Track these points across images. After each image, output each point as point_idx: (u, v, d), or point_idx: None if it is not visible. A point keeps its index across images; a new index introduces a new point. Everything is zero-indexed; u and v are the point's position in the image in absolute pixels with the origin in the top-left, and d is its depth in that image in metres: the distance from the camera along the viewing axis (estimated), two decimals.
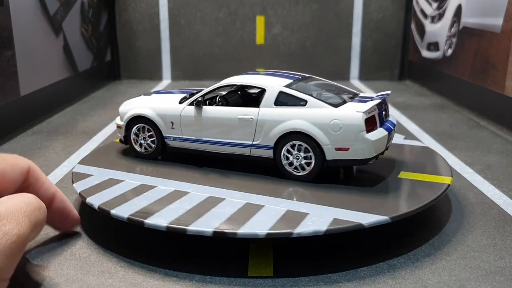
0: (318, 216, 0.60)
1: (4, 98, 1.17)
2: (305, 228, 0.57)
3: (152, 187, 0.71)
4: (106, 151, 0.89)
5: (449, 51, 1.64)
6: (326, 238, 0.63)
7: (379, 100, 0.73)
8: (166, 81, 2.08)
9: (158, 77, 2.11)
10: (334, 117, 0.70)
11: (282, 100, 0.74)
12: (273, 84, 0.76)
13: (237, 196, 0.67)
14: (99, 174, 0.76)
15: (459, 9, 1.57)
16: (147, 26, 2.06)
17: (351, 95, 0.78)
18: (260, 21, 2.07)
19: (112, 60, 2.08)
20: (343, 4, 2.05)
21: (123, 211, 0.62)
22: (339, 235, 0.62)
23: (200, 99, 0.79)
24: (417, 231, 0.68)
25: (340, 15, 2.06)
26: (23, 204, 0.51)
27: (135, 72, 2.11)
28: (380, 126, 0.72)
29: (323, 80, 0.85)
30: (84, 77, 1.75)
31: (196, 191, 0.69)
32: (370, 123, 0.70)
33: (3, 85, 1.16)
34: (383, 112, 0.74)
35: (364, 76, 2.11)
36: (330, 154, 0.71)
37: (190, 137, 0.80)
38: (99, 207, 0.64)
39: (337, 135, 0.70)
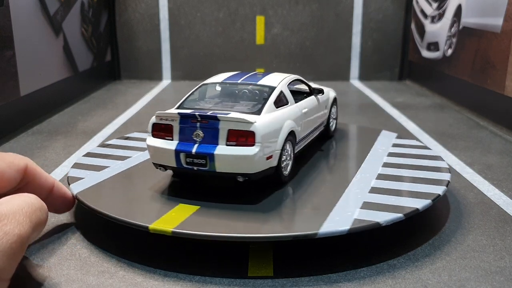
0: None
1: (4, 98, 1.17)
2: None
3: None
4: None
5: (449, 51, 1.64)
6: (327, 239, 0.63)
7: (175, 111, 0.68)
8: (166, 81, 2.08)
9: (158, 77, 2.11)
10: None
11: None
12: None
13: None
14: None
15: (459, 9, 1.57)
16: (147, 26, 2.06)
17: (247, 108, 0.71)
18: (260, 21, 2.07)
19: (112, 60, 2.08)
20: (343, 4, 2.05)
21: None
22: (340, 237, 0.62)
23: None
24: (417, 231, 0.68)
25: (340, 15, 2.06)
26: (24, 205, 0.51)
27: (135, 72, 2.11)
28: (181, 142, 0.67)
29: (268, 90, 0.75)
30: (84, 77, 1.75)
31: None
32: (161, 130, 0.69)
33: (3, 85, 1.16)
34: (200, 132, 0.67)
35: (364, 76, 2.11)
36: None
37: None
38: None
39: None
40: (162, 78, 2.11)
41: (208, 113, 0.66)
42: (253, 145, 0.65)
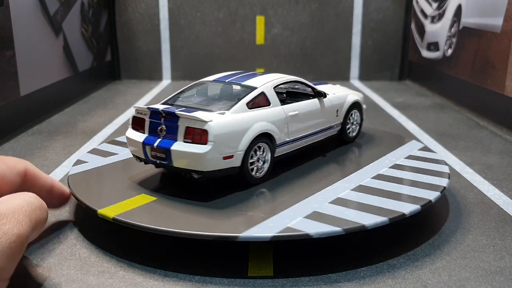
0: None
1: (4, 98, 1.17)
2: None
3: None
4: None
5: (449, 51, 1.64)
6: (327, 239, 0.63)
7: (146, 106, 0.71)
8: (166, 81, 2.08)
9: (158, 77, 2.11)
10: None
11: None
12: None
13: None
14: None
15: (459, 9, 1.57)
16: (147, 26, 2.06)
17: (221, 106, 0.72)
18: (260, 21, 2.07)
19: (112, 60, 2.08)
20: (343, 4, 2.05)
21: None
22: (340, 237, 0.62)
23: None
24: (417, 231, 0.68)
25: (340, 15, 2.06)
26: (24, 204, 0.51)
27: (135, 72, 2.11)
28: (149, 135, 0.70)
29: (250, 90, 0.75)
30: (84, 77, 1.75)
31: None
32: (138, 123, 0.73)
33: (3, 85, 1.16)
34: (164, 127, 0.69)
35: (364, 76, 2.11)
36: None
37: None
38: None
39: None
40: (162, 78, 2.11)
41: (171, 110, 0.69)
42: (206, 143, 0.66)
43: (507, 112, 1.24)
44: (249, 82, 0.77)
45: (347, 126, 0.93)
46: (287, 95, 0.86)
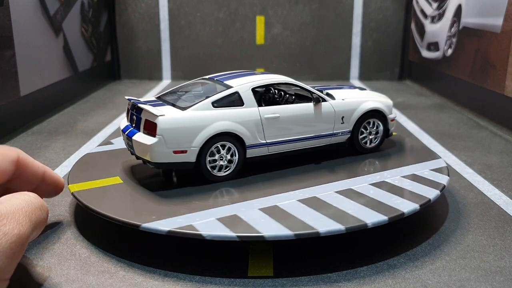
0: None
1: (4, 98, 1.17)
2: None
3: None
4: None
5: (449, 51, 1.64)
6: (327, 239, 0.63)
7: (128, 99, 0.76)
8: (166, 81, 2.08)
9: (158, 77, 2.11)
10: None
11: None
12: None
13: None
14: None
15: (459, 9, 1.57)
16: (147, 26, 2.06)
17: (198, 99, 0.74)
18: (260, 21, 2.07)
19: (112, 60, 2.08)
20: (343, 4, 2.05)
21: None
22: (340, 236, 0.62)
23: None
24: (417, 231, 0.68)
25: (340, 15, 2.06)
26: (24, 204, 0.51)
27: (135, 72, 2.11)
28: (128, 124, 0.76)
29: (227, 90, 0.75)
30: (84, 77, 1.75)
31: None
32: (127, 114, 0.78)
33: (3, 85, 1.16)
34: (134, 118, 0.73)
35: (364, 76, 2.11)
36: None
37: None
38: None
39: None
40: (162, 78, 2.11)
41: (136, 102, 0.73)
42: (155, 136, 0.69)
43: (507, 112, 1.24)
44: (229, 82, 0.77)
45: (363, 136, 0.86)
46: (296, 97, 0.85)
